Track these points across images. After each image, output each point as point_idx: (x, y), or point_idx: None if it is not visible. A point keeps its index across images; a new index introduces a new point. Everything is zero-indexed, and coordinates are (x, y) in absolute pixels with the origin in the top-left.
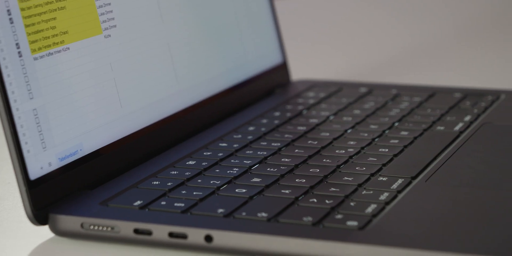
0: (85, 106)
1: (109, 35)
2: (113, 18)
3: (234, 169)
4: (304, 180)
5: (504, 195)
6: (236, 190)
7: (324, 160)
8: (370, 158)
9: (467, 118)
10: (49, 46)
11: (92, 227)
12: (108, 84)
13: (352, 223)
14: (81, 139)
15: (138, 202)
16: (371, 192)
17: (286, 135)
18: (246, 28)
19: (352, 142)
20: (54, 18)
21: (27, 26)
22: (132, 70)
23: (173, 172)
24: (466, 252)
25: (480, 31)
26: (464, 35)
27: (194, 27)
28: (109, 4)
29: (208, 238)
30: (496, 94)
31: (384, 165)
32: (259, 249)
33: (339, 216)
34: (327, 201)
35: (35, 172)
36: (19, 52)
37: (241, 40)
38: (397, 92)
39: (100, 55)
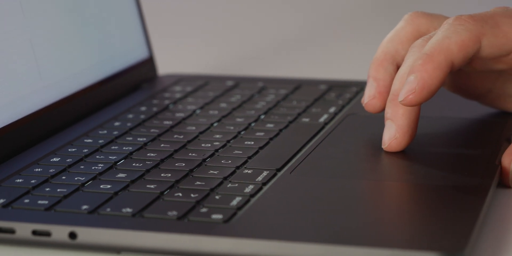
0: None
1: None
2: None
3: (99, 165)
4: (170, 175)
5: (367, 184)
6: (101, 186)
7: (189, 154)
8: (236, 151)
9: (332, 109)
10: None
11: None
12: None
13: (216, 216)
14: None
15: (1, 201)
16: (236, 185)
17: (152, 130)
18: (111, 22)
19: (218, 136)
20: None
21: None
22: None
23: (37, 170)
24: (329, 242)
25: (343, 23)
26: (328, 27)
27: (57, 22)
28: None
29: (72, 235)
30: (360, 86)
31: (249, 157)
32: (124, 244)
33: (204, 210)
34: (192, 195)
35: None
36: None
37: (106, 34)
38: (263, 85)
39: None
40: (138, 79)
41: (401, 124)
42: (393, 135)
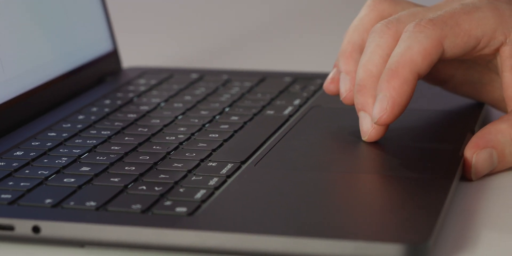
0: None
1: None
2: None
3: (63, 158)
4: (134, 168)
5: (331, 177)
6: (65, 180)
7: (154, 147)
8: (200, 144)
9: (297, 101)
10: None
11: None
12: None
13: (181, 209)
14: None
15: None
16: (201, 177)
17: (116, 123)
18: (75, 15)
19: (182, 129)
20: None
21: None
22: None
23: None
24: (294, 235)
25: (307, 15)
26: (292, 19)
27: (19, 15)
28: None
29: (36, 229)
30: (325, 78)
31: (214, 150)
32: (88, 238)
33: (168, 203)
34: (156, 188)
35: None
36: None
37: (69, 27)
38: (228, 78)
39: None
40: (102, 72)
41: None
42: (370, 125)
